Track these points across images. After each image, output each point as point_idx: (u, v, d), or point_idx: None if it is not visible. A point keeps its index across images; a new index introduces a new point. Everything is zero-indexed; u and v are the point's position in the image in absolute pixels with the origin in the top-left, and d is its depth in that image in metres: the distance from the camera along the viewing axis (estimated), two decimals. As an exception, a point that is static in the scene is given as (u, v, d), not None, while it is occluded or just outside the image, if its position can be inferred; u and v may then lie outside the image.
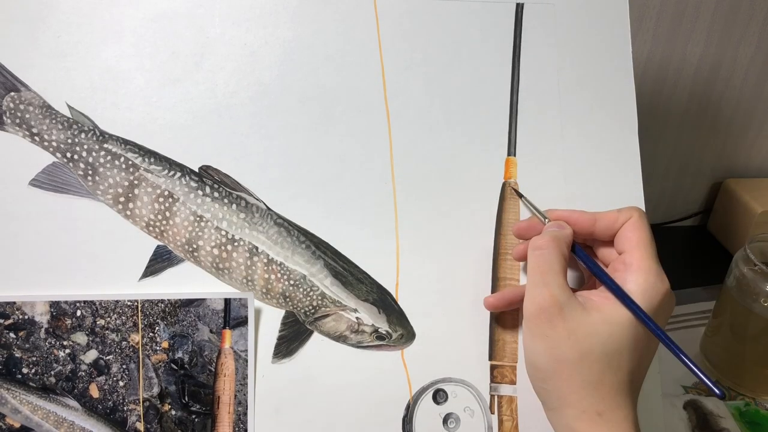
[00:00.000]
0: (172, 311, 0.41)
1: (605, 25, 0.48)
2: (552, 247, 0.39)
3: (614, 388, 0.36)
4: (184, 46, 0.43)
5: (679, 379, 0.64)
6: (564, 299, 0.37)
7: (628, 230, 0.40)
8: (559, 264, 0.38)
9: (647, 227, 0.40)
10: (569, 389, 0.36)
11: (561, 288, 0.37)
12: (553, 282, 0.37)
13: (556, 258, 0.38)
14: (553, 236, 0.40)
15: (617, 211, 0.41)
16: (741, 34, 0.80)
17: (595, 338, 0.36)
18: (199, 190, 0.43)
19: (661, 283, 0.38)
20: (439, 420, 0.43)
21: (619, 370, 0.36)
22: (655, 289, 0.37)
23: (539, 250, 0.39)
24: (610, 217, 0.40)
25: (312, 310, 0.43)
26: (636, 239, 0.39)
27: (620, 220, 0.40)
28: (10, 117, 0.42)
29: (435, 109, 0.46)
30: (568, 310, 0.37)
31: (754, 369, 0.62)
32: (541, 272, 0.38)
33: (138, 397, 0.41)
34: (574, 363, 0.36)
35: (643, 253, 0.38)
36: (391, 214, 0.45)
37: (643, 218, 0.40)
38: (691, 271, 0.83)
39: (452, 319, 0.44)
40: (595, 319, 0.37)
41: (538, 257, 0.39)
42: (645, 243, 0.39)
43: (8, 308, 0.40)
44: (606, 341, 0.36)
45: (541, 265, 0.38)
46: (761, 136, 0.89)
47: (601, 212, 0.41)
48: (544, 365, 0.37)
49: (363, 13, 0.45)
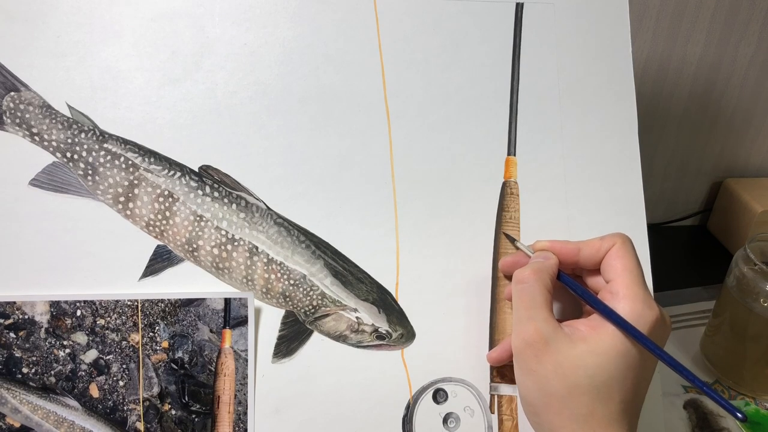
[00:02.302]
0: (172, 311, 0.41)
1: (605, 24, 0.48)
2: (533, 280, 0.38)
3: (606, 419, 0.35)
4: (183, 46, 0.43)
5: (679, 379, 0.63)
6: (549, 332, 0.36)
7: (612, 258, 0.39)
8: (542, 296, 0.38)
9: (632, 253, 0.39)
10: (560, 423, 0.36)
11: (545, 321, 0.37)
12: (537, 315, 0.37)
13: (539, 290, 0.38)
14: (534, 269, 0.39)
15: (600, 238, 0.40)
16: (741, 34, 0.80)
17: (582, 371, 0.35)
18: (199, 190, 0.43)
19: (649, 310, 0.36)
20: (439, 419, 0.43)
21: (611, 401, 0.35)
22: (643, 317, 0.36)
23: (521, 284, 0.39)
24: (593, 245, 0.40)
25: (312, 309, 0.43)
26: (621, 267, 0.38)
27: (603, 247, 0.39)
28: (10, 117, 0.42)
29: (435, 109, 0.46)
30: (554, 343, 0.36)
31: (754, 368, 0.62)
32: (525, 307, 0.38)
33: (138, 397, 0.41)
34: (562, 397, 0.35)
35: (628, 281, 0.37)
36: (391, 214, 0.45)
37: (627, 244, 0.39)
38: (691, 270, 0.83)
39: (452, 318, 0.44)
40: (581, 350, 0.36)
41: (520, 291, 0.38)
42: (630, 270, 0.38)
43: (8, 308, 0.40)
44: (594, 373, 0.35)
45: (524, 300, 0.38)
46: (761, 135, 0.89)
47: (584, 241, 0.40)
48: (534, 400, 0.37)
49: (363, 13, 0.45)
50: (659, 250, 0.39)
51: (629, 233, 0.47)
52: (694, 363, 0.66)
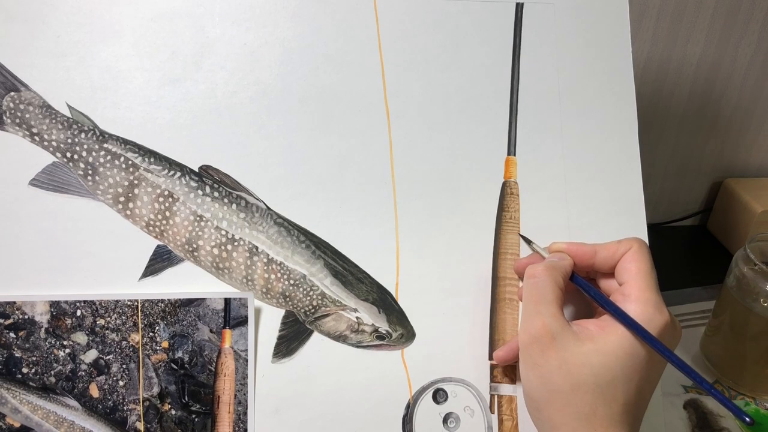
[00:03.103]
0: (172, 311, 0.41)
1: (605, 24, 0.48)
2: (545, 275, 0.38)
3: (607, 419, 0.35)
4: (183, 46, 0.43)
5: (680, 379, 0.64)
6: (556, 328, 0.36)
7: (627, 261, 0.39)
8: (553, 293, 0.38)
9: (647, 258, 0.39)
10: (561, 420, 0.36)
11: (553, 317, 0.37)
12: (546, 311, 0.37)
13: (550, 287, 0.38)
14: (547, 265, 0.39)
15: (617, 242, 0.40)
16: (741, 34, 0.80)
17: (587, 369, 0.35)
18: (199, 190, 0.43)
19: (659, 314, 0.37)
20: (439, 420, 0.43)
21: (614, 402, 0.35)
22: (653, 321, 0.36)
23: (532, 279, 0.39)
24: (610, 248, 0.40)
25: (312, 309, 0.43)
26: (635, 270, 0.38)
27: (620, 251, 0.39)
28: (10, 117, 0.42)
29: (435, 109, 0.46)
30: (561, 340, 0.36)
31: (754, 368, 0.62)
32: (534, 301, 0.38)
33: (138, 397, 0.41)
34: (566, 394, 0.35)
35: (641, 284, 0.38)
36: (391, 214, 0.45)
37: (643, 249, 0.39)
38: (691, 270, 0.83)
39: (452, 318, 0.44)
40: (588, 349, 0.36)
41: (531, 286, 0.39)
42: (644, 274, 0.38)
43: (8, 308, 0.40)
44: (599, 372, 0.35)
45: (534, 294, 0.38)
46: (761, 135, 0.89)
47: (601, 244, 0.41)
48: (537, 395, 0.37)
49: (363, 13, 0.45)
50: (659, 250, 0.39)
51: (629, 233, 0.47)
52: (694, 363, 0.66)
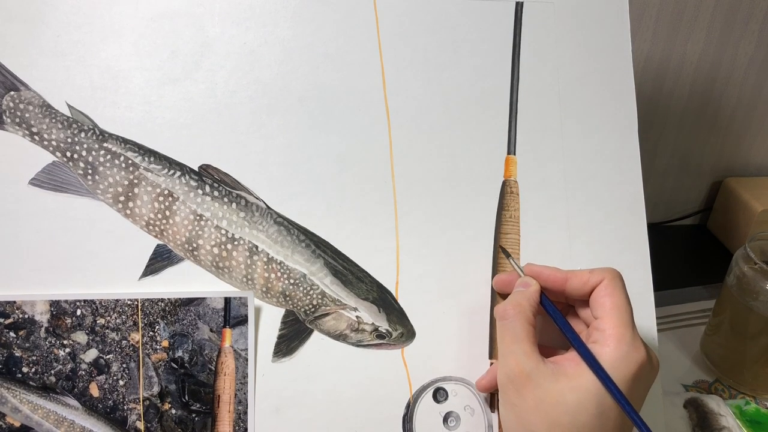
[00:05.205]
0: (172, 310, 0.41)
1: (605, 23, 0.48)
2: (514, 315, 0.38)
3: None
4: (183, 46, 0.43)
5: (680, 378, 0.64)
6: (530, 367, 0.36)
7: (601, 295, 0.38)
8: (524, 331, 0.38)
9: (622, 291, 0.38)
10: None
11: (527, 356, 0.37)
12: (519, 350, 0.37)
13: (520, 325, 0.38)
14: (514, 303, 0.39)
15: (589, 271, 0.39)
16: (740, 33, 0.80)
17: (562, 407, 0.35)
18: (198, 189, 0.43)
19: (635, 352, 0.36)
20: (440, 418, 0.43)
21: None
22: (628, 359, 0.35)
23: (503, 321, 0.39)
24: (581, 277, 0.39)
25: (312, 308, 0.43)
26: (609, 305, 0.37)
27: (591, 282, 0.39)
28: (10, 116, 0.42)
29: (435, 108, 0.46)
30: (535, 378, 0.36)
31: (754, 367, 0.62)
32: (507, 342, 0.38)
33: (138, 396, 0.41)
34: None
35: (615, 321, 0.37)
36: (391, 213, 0.45)
37: (616, 281, 0.38)
38: (691, 269, 0.83)
39: (452, 317, 0.44)
40: (563, 386, 0.35)
41: (502, 328, 0.39)
42: (619, 309, 0.37)
43: (8, 307, 0.40)
44: (575, 410, 0.35)
45: (506, 336, 0.38)
46: (761, 134, 0.89)
47: (573, 271, 0.40)
48: None
49: (363, 13, 0.45)
50: (659, 250, 0.39)
51: (629, 233, 0.47)
52: (694, 362, 0.66)
